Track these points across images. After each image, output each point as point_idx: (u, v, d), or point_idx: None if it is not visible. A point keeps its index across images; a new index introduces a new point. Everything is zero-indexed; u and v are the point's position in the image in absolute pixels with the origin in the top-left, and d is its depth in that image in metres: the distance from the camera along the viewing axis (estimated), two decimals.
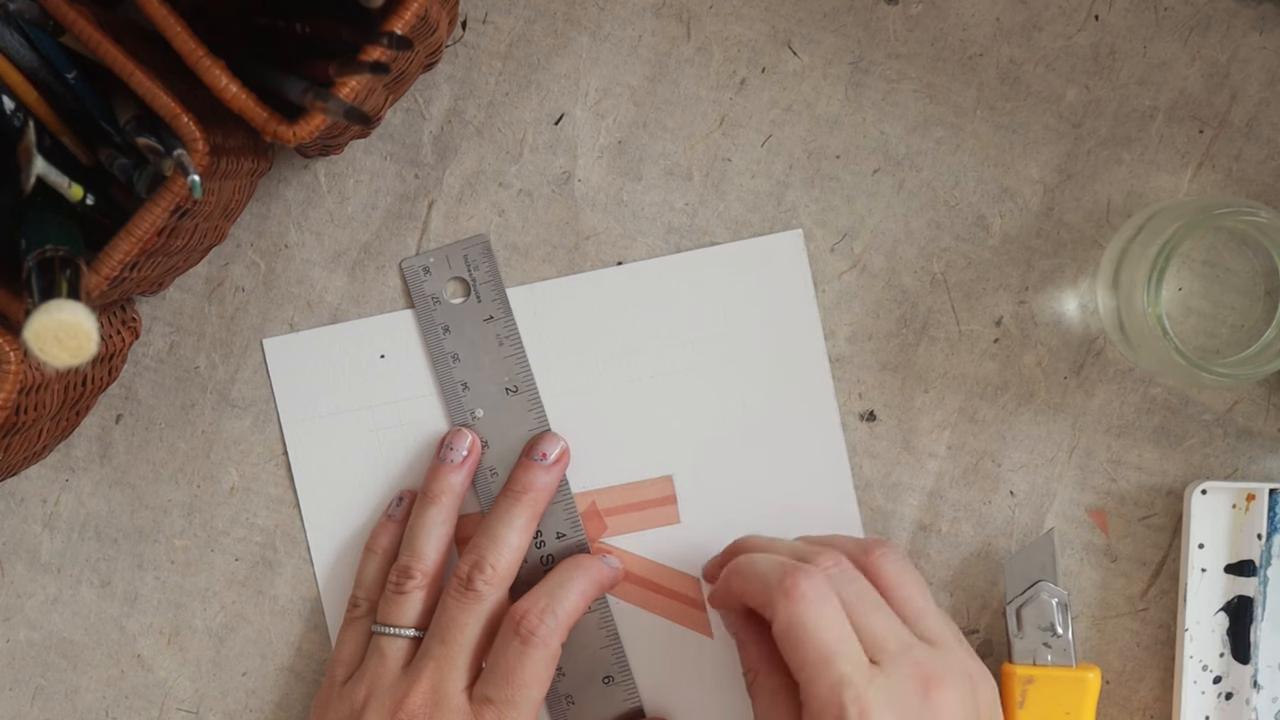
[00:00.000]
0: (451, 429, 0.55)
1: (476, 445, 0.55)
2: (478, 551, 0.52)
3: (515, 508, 0.53)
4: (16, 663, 0.57)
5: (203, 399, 0.56)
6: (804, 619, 0.46)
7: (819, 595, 0.46)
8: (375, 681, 0.51)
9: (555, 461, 0.54)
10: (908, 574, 0.49)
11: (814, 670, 0.45)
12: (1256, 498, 0.53)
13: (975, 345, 0.55)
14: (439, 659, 0.50)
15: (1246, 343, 0.53)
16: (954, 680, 0.46)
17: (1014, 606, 0.53)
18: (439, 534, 0.53)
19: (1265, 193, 0.54)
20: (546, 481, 0.54)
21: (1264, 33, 0.54)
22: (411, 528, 0.54)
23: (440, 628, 0.51)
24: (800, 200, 0.55)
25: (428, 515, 0.53)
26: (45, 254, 0.41)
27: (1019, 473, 0.55)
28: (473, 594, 0.51)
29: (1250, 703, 0.53)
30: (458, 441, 0.54)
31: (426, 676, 0.50)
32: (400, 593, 0.52)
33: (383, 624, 0.52)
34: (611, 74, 0.55)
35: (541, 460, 0.54)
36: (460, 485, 0.54)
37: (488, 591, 0.51)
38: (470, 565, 0.52)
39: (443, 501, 0.54)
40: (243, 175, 0.52)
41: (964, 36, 0.55)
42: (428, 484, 0.54)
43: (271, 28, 0.49)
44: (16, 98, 0.45)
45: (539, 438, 0.55)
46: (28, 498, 0.57)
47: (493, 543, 0.52)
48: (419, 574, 0.53)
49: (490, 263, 0.55)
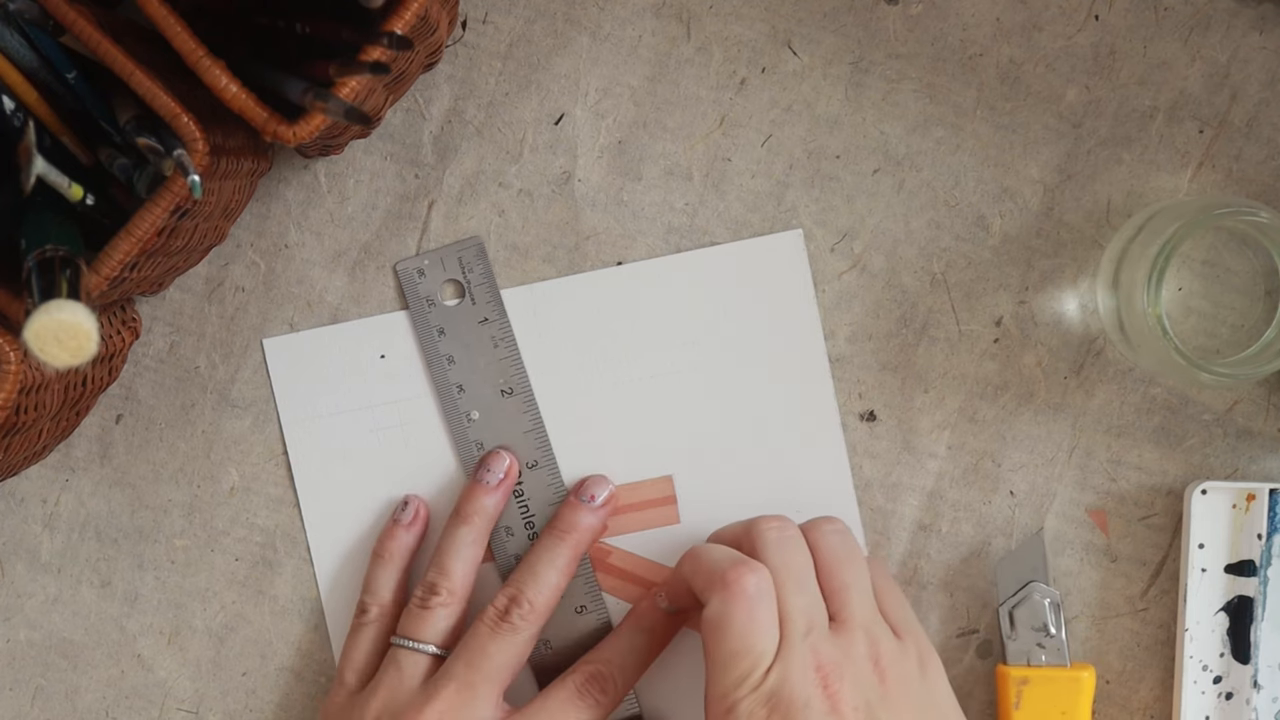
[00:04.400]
0: (490, 450, 0.55)
1: (514, 469, 0.55)
2: (517, 586, 0.52)
3: (559, 546, 0.53)
4: (16, 663, 0.57)
5: (203, 399, 0.56)
6: (733, 614, 0.46)
7: (756, 593, 0.47)
8: (391, 696, 0.51)
9: (602, 505, 0.54)
10: (846, 549, 0.49)
11: (722, 664, 0.46)
12: (1256, 498, 0.53)
13: (975, 345, 0.55)
14: (461, 682, 0.50)
15: (1246, 343, 0.53)
16: (851, 667, 0.46)
17: (1006, 608, 0.53)
18: (468, 554, 0.53)
19: (1265, 193, 0.54)
20: (591, 524, 0.54)
21: (1264, 33, 0.54)
22: (441, 545, 0.54)
23: (468, 652, 0.51)
24: (800, 200, 0.55)
25: (459, 534, 0.53)
26: (45, 254, 0.41)
27: (1019, 473, 0.55)
28: (507, 625, 0.51)
29: (1250, 703, 0.53)
30: (495, 464, 0.54)
31: (445, 697, 0.50)
32: (425, 608, 0.52)
33: (403, 637, 0.52)
34: (611, 74, 0.55)
35: (589, 502, 0.54)
36: (494, 507, 0.54)
37: (523, 626, 0.51)
38: (509, 599, 0.52)
39: (475, 522, 0.54)
40: (243, 175, 0.52)
41: (964, 36, 0.55)
42: (462, 503, 0.54)
43: (271, 28, 0.49)
44: (16, 98, 0.45)
45: (590, 480, 0.55)
46: (28, 498, 0.57)
47: (533, 579, 0.52)
48: (444, 591, 0.52)
49: (485, 265, 0.55)
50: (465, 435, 0.55)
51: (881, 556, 0.55)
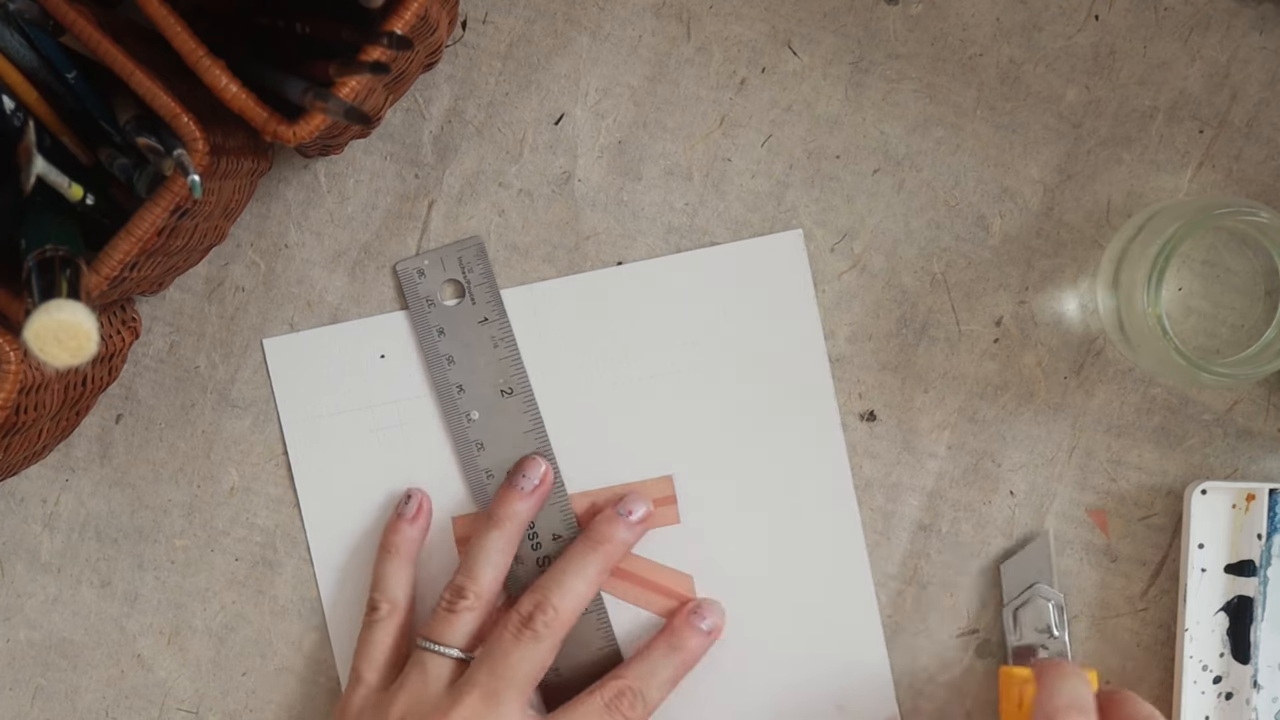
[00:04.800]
0: (526, 457, 0.55)
1: (549, 476, 0.54)
2: (543, 592, 0.52)
3: (590, 556, 0.53)
4: (16, 663, 0.57)
5: (203, 399, 0.56)
6: None
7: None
8: (416, 699, 0.51)
9: (639, 521, 0.54)
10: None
11: None
12: (1256, 498, 0.53)
13: (975, 345, 0.55)
14: (485, 689, 0.50)
15: (1246, 343, 0.53)
16: None
17: (1011, 609, 0.53)
18: (498, 560, 0.53)
19: (1265, 193, 0.54)
20: (625, 538, 0.54)
21: (1264, 33, 0.54)
22: (471, 549, 0.53)
23: (491, 658, 0.51)
24: (800, 200, 0.55)
25: (489, 539, 0.53)
26: (45, 254, 0.41)
27: (1019, 473, 0.55)
28: (530, 633, 0.51)
29: (1250, 703, 0.53)
30: (531, 470, 0.54)
31: (469, 704, 0.50)
32: (452, 611, 0.52)
33: (429, 639, 0.52)
34: (611, 74, 0.55)
35: (627, 516, 0.54)
36: (526, 513, 0.54)
37: (546, 634, 0.51)
38: (534, 605, 0.51)
39: (506, 527, 0.53)
40: (243, 175, 0.52)
41: (964, 36, 0.55)
42: (495, 508, 0.54)
43: (271, 28, 0.49)
44: (16, 98, 0.45)
45: (630, 495, 0.55)
46: (28, 498, 0.57)
47: (559, 587, 0.52)
48: (472, 595, 0.52)
49: (485, 265, 0.55)
50: (465, 435, 0.55)
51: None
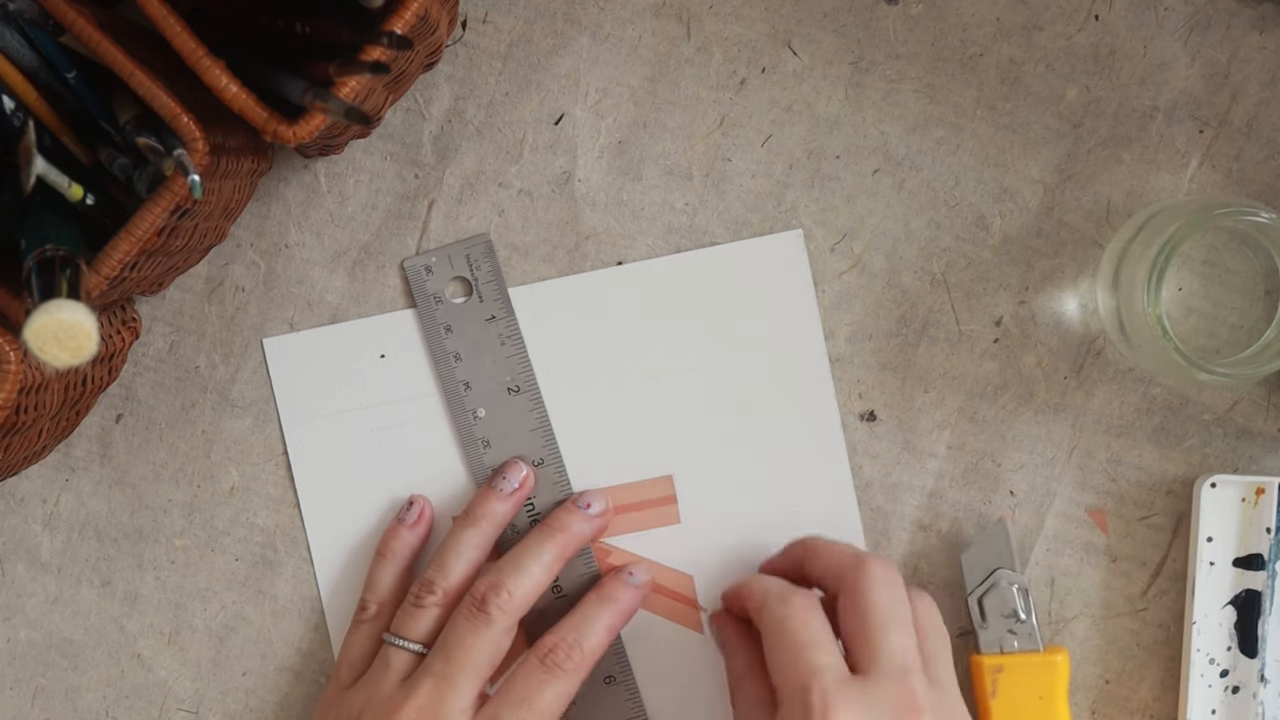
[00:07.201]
0: (508, 460, 0.55)
1: (529, 480, 0.55)
2: (498, 574, 0.52)
3: (546, 543, 0.53)
4: (16, 663, 0.57)
5: (203, 399, 0.56)
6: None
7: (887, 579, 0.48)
8: (374, 691, 0.51)
9: (598, 515, 0.54)
10: (936, 617, 0.50)
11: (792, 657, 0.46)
12: (1266, 491, 0.53)
13: (975, 345, 0.55)
14: (439, 677, 0.50)
15: (1246, 343, 0.53)
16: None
17: (975, 597, 0.53)
18: (470, 557, 0.53)
19: (1265, 193, 0.54)
20: (582, 529, 0.54)
21: (1264, 33, 0.54)
22: (444, 545, 0.53)
23: (445, 645, 0.51)
24: (800, 200, 0.55)
25: (463, 536, 0.53)
26: (45, 254, 0.41)
27: (1019, 473, 0.55)
28: (484, 616, 0.51)
29: (1257, 696, 0.53)
30: (511, 473, 0.54)
31: (423, 693, 0.50)
32: (418, 606, 0.52)
33: (394, 634, 0.52)
34: (611, 74, 0.55)
35: (585, 509, 0.54)
36: (503, 515, 0.54)
37: (499, 617, 0.51)
38: (487, 587, 0.51)
39: (482, 526, 0.53)
40: (243, 175, 0.52)
41: (964, 36, 0.55)
42: (472, 506, 0.54)
43: (271, 28, 0.49)
44: (16, 98, 0.45)
45: (589, 491, 0.55)
46: (28, 498, 0.57)
47: (515, 570, 0.52)
48: (440, 591, 0.52)
49: (492, 262, 0.55)
50: (471, 432, 0.55)
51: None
